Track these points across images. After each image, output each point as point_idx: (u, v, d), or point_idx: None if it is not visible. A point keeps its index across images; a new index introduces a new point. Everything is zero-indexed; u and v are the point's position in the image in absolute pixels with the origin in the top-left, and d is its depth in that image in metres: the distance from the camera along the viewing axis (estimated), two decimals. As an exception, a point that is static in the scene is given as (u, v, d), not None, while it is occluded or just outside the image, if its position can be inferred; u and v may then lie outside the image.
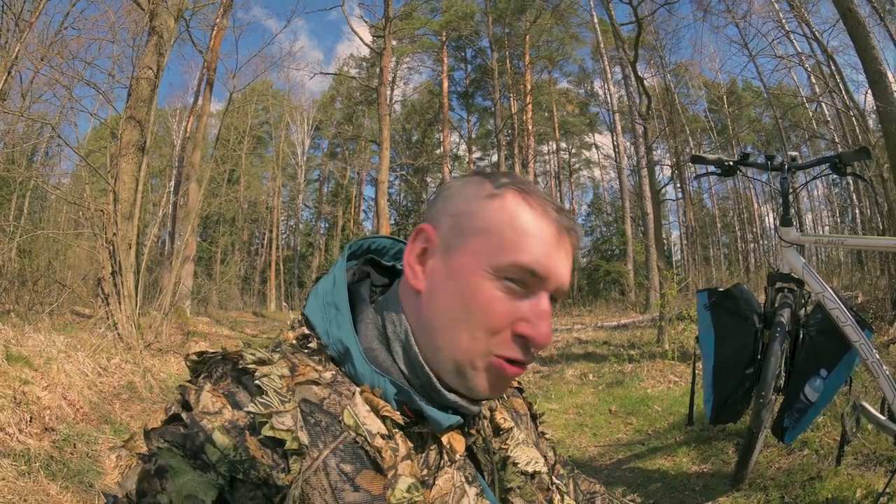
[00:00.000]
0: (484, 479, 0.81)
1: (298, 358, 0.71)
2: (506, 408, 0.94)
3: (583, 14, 26.42)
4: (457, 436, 0.77)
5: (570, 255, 0.76)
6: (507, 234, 0.72)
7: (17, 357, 4.22)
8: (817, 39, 12.94)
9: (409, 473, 0.67)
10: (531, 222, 0.73)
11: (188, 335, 9.08)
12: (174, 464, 0.58)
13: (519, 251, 0.71)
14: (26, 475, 3.02)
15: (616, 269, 27.80)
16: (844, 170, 2.57)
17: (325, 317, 0.75)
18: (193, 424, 0.60)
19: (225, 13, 15.81)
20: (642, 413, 4.86)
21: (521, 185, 0.76)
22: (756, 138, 26.19)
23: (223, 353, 0.69)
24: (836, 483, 2.67)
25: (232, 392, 0.64)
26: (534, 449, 0.91)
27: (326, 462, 0.63)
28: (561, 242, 0.74)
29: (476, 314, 0.71)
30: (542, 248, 0.72)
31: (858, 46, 6.00)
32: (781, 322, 2.41)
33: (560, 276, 0.74)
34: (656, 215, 12.87)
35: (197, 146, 16.36)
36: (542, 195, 0.76)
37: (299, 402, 0.66)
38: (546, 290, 0.73)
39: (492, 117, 30.86)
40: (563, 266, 0.74)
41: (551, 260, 0.72)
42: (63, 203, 12.97)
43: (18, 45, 7.50)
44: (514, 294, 0.71)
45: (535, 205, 0.74)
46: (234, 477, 0.59)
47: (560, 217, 0.75)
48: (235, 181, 30.60)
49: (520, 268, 0.70)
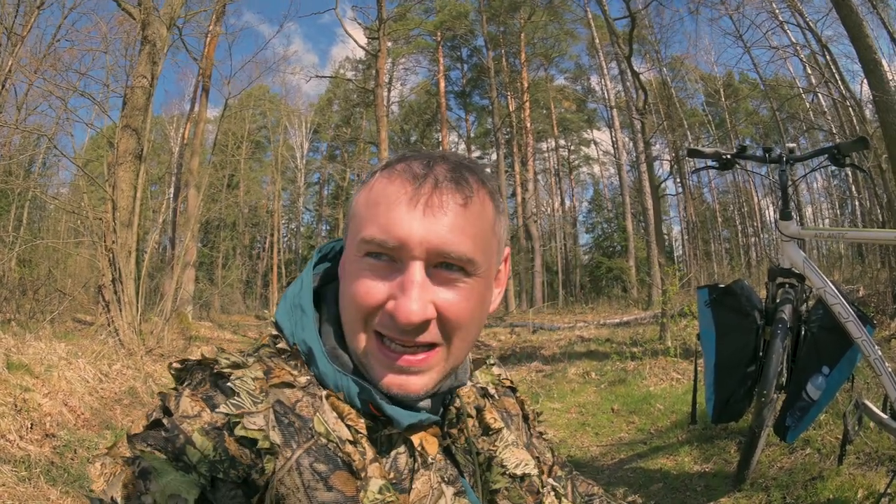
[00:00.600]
0: (465, 480, 0.79)
1: (275, 362, 0.71)
2: (496, 408, 0.93)
3: (576, 10, 26.49)
4: (430, 437, 0.76)
5: (441, 210, 0.67)
6: (360, 212, 0.71)
7: (17, 365, 4.23)
8: (811, 29, 12.93)
9: (378, 475, 0.67)
10: (381, 191, 0.69)
11: (190, 340, 9.08)
12: (157, 465, 0.59)
13: (365, 225, 0.69)
14: (26, 481, 3.03)
15: (618, 265, 27.83)
16: (843, 160, 2.53)
17: (291, 319, 0.75)
18: (174, 428, 0.61)
19: (218, 20, 15.85)
20: (645, 412, 4.84)
21: (396, 160, 0.73)
22: (754, 131, 26.18)
23: (200, 359, 0.70)
24: (837, 483, 2.64)
25: (210, 396, 0.65)
26: (524, 451, 0.89)
27: (300, 462, 0.63)
28: (418, 199, 0.67)
29: (351, 299, 0.70)
30: (390, 212, 0.67)
31: (852, 35, 5.97)
32: (783, 318, 2.38)
33: (423, 238, 0.66)
34: (656, 211, 12.87)
35: (195, 152, 16.40)
36: (413, 158, 0.72)
37: (273, 403, 0.66)
38: (412, 258, 0.67)
39: (490, 116, 30.90)
40: (424, 226, 0.67)
41: (402, 223, 0.66)
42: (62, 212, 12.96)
43: (11, 58, 7.50)
44: (381, 270, 0.68)
45: (393, 172, 0.70)
46: (215, 477, 0.60)
47: (426, 173, 0.69)
48: (235, 186, 30.64)
49: (365, 241, 0.68)
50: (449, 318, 0.69)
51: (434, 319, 0.68)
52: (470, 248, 0.68)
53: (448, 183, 0.69)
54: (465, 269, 0.69)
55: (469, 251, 0.68)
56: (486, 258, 0.72)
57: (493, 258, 0.74)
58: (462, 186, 0.69)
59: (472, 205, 0.70)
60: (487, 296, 0.75)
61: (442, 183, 0.68)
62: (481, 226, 0.71)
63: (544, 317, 17.16)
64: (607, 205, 34.43)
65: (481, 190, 0.72)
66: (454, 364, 0.74)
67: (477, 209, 0.70)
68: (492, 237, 0.73)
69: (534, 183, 29.99)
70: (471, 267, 0.69)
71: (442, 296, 0.68)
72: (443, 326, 0.69)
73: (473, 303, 0.71)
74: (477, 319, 0.73)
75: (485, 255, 0.71)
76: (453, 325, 0.69)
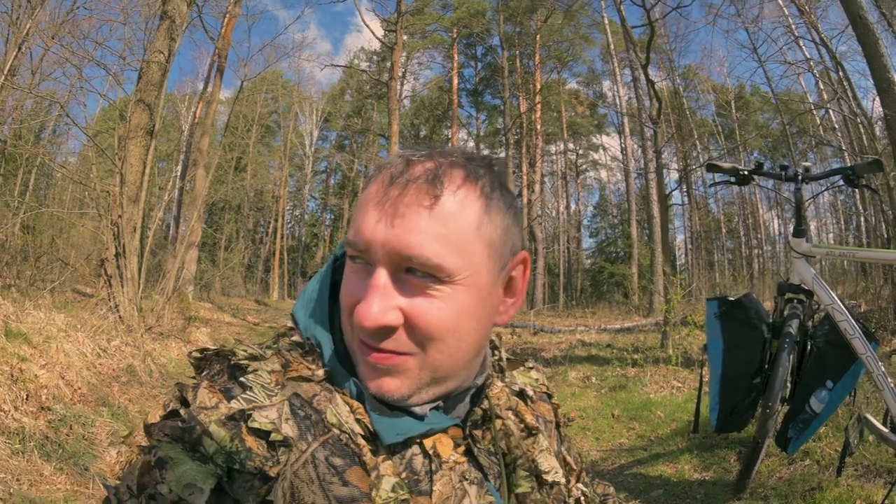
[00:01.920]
0: (491, 483, 0.77)
1: (293, 355, 0.70)
2: (533, 410, 0.90)
3: (594, 15, 26.47)
4: (444, 439, 0.73)
5: (402, 211, 0.64)
6: (353, 213, 0.71)
7: (16, 333, 4.20)
8: (826, 45, 12.90)
9: (391, 473, 0.66)
10: (365, 193, 0.69)
11: (190, 320, 9.07)
12: (173, 455, 0.58)
13: (350, 226, 0.69)
14: (20, 454, 3.00)
15: (620, 271, 27.80)
16: (857, 181, 2.57)
17: (306, 313, 0.75)
18: (191, 419, 0.60)
19: (237, 1, 15.81)
20: (645, 418, 4.83)
21: (389, 159, 0.71)
22: (763, 144, 26.15)
23: (218, 349, 0.70)
24: (836, 494, 2.68)
25: (228, 388, 0.65)
26: (554, 458, 0.88)
27: (315, 454, 0.62)
28: (385, 201, 0.65)
29: (341, 299, 0.71)
30: (362, 216, 0.66)
31: (867, 53, 5.96)
32: (790, 333, 2.42)
33: (381, 239, 0.64)
34: (663, 219, 12.85)
35: (205, 132, 16.41)
36: (403, 156, 0.69)
37: (290, 396, 0.65)
38: (377, 262, 0.65)
39: (501, 116, 30.91)
40: (384, 228, 0.64)
41: (367, 226, 0.65)
42: (69, 182, 12.93)
43: (30, 21, 7.49)
44: (360, 273, 0.68)
45: (380, 173, 0.68)
46: (231, 468, 0.59)
47: (402, 171, 0.66)
48: (242, 169, 30.66)
49: (347, 243, 0.69)
50: (418, 326, 0.65)
51: (401, 327, 0.65)
52: (436, 252, 0.64)
53: (420, 183, 0.65)
54: (435, 276, 0.65)
55: (434, 256, 0.64)
56: (467, 263, 0.66)
57: (482, 263, 0.68)
58: (434, 186, 0.65)
59: (442, 206, 0.65)
60: (478, 305, 0.69)
61: (413, 183, 0.65)
62: (456, 227, 0.65)
63: (544, 319, 17.13)
64: (612, 210, 34.41)
65: (464, 189, 0.67)
66: (436, 374, 0.69)
67: (451, 209, 0.65)
68: (474, 240, 0.67)
69: (540, 185, 29.98)
70: (441, 273, 0.65)
71: (410, 304, 0.65)
72: (413, 335, 0.66)
73: (449, 312, 0.66)
74: (458, 329, 0.67)
75: (463, 259, 0.66)
76: (425, 335, 0.66)
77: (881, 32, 6.86)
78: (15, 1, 7.84)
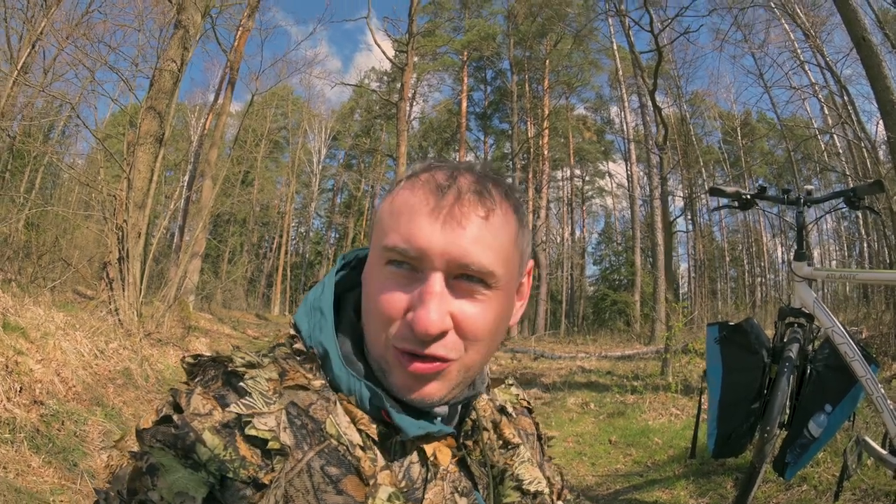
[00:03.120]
0: (479, 493, 0.78)
1: (290, 364, 0.70)
2: (514, 425, 0.91)
3: (603, 40, 26.73)
4: (444, 447, 0.75)
5: (462, 222, 0.67)
6: (384, 221, 0.70)
7: (13, 327, 4.21)
8: (831, 69, 13.03)
9: (388, 483, 0.66)
10: (405, 201, 0.69)
11: (189, 329, 9.07)
12: (165, 462, 0.58)
13: (388, 233, 0.68)
14: (9, 443, 3.00)
15: (623, 299, 27.71)
16: (859, 203, 2.58)
17: (310, 321, 0.75)
18: (184, 425, 0.60)
19: (251, 14, 16.02)
20: (642, 444, 4.79)
21: (420, 169, 0.73)
22: (768, 171, 26.20)
23: (214, 356, 0.70)
24: (833, 519, 2.62)
25: (222, 394, 0.64)
26: (537, 469, 0.88)
27: (310, 464, 0.62)
28: (440, 210, 0.67)
29: (373, 306, 0.70)
30: (411, 222, 0.67)
31: (871, 75, 5.98)
32: (790, 357, 2.39)
33: (443, 249, 0.66)
34: (667, 246, 12.79)
35: (214, 144, 16.53)
36: (438, 168, 0.72)
37: (286, 405, 0.65)
38: (432, 269, 0.67)
39: (508, 140, 31.08)
40: (445, 237, 0.66)
41: (423, 233, 0.66)
42: (75, 183, 13.01)
43: (45, 20, 7.59)
44: (402, 279, 0.68)
45: (418, 182, 0.70)
46: (225, 476, 0.59)
47: (450, 183, 0.69)
48: (249, 183, 30.85)
49: (387, 249, 0.68)
50: (466, 329, 0.68)
51: (451, 330, 0.67)
52: (491, 260, 0.68)
53: (471, 195, 0.68)
54: (485, 281, 0.68)
55: (490, 263, 0.67)
56: (508, 271, 0.71)
57: (515, 271, 0.74)
58: (485, 198, 0.69)
59: (495, 217, 0.69)
60: (508, 308, 0.74)
61: (465, 194, 0.68)
62: (503, 238, 0.70)
63: (545, 345, 17.07)
64: (617, 238, 34.39)
65: (504, 202, 0.72)
66: (470, 374, 0.72)
67: (499, 221, 0.70)
68: (513, 250, 0.72)
69: (546, 210, 30.00)
70: (491, 279, 0.68)
71: (460, 307, 0.68)
72: (459, 337, 0.68)
73: (492, 315, 0.70)
74: (494, 331, 0.72)
75: (506, 267, 0.70)
76: (470, 337, 0.68)
77: (885, 54, 6.90)
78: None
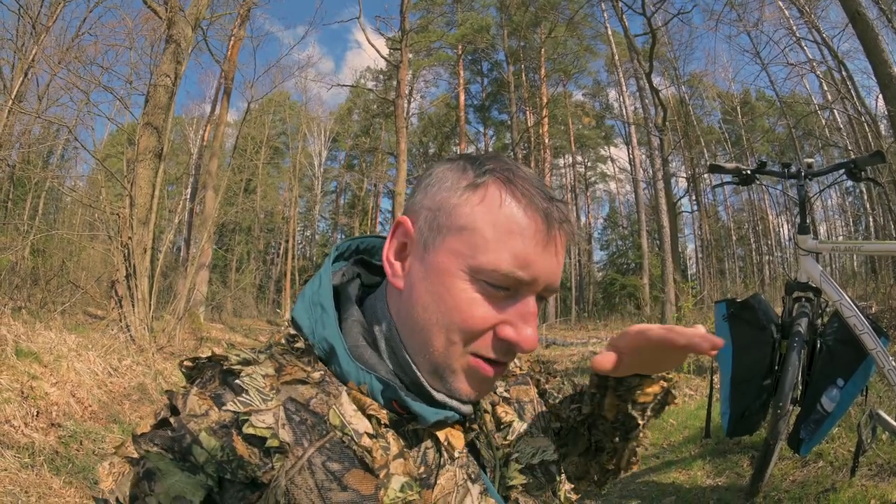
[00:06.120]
0: (487, 475, 0.78)
1: (287, 359, 0.70)
2: (508, 402, 0.91)
3: (597, 26, 26.58)
4: (455, 431, 0.74)
5: (561, 250, 0.70)
6: (486, 233, 0.67)
7: (26, 352, 4.24)
8: (828, 45, 12.90)
9: (402, 472, 0.65)
10: (513, 219, 0.67)
11: (201, 341, 9.13)
12: (162, 466, 0.58)
13: (499, 254, 0.66)
14: (29, 468, 3.03)
15: (632, 282, 27.62)
16: (860, 175, 2.58)
17: (311, 317, 0.74)
18: (181, 427, 0.60)
19: (242, 24, 16.04)
20: (657, 426, 4.77)
21: (506, 171, 0.70)
22: (770, 148, 26.01)
23: (210, 356, 0.69)
24: (850, 494, 2.63)
25: (219, 394, 0.64)
26: (540, 437, 0.88)
27: (311, 460, 0.62)
28: (550, 239, 0.68)
29: (453, 317, 0.67)
30: (526, 248, 0.67)
31: (868, 50, 5.95)
32: (799, 332, 2.38)
33: (548, 277, 0.69)
34: (672, 228, 12.77)
35: (214, 155, 16.57)
36: (530, 182, 0.70)
37: (285, 400, 0.65)
38: (533, 293, 0.69)
39: (508, 131, 30.97)
40: (551, 266, 0.69)
41: (537, 261, 0.67)
42: (78, 205, 13.10)
43: (36, 47, 7.63)
44: (495, 296, 0.68)
45: (521, 196, 0.68)
46: (223, 477, 0.59)
47: (550, 208, 0.68)
48: (252, 191, 30.88)
49: (501, 274, 0.66)
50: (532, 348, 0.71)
51: None
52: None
53: (566, 225, 0.71)
54: (546, 298, 0.73)
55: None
56: None
57: None
58: (571, 226, 0.72)
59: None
60: None
61: (563, 223, 0.70)
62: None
63: (557, 332, 17.06)
64: (623, 222, 34.28)
65: None
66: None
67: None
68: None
69: (550, 198, 29.90)
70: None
71: None
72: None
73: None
74: None
75: None
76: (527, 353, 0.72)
77: (881, 28, 6.86)
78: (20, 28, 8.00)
